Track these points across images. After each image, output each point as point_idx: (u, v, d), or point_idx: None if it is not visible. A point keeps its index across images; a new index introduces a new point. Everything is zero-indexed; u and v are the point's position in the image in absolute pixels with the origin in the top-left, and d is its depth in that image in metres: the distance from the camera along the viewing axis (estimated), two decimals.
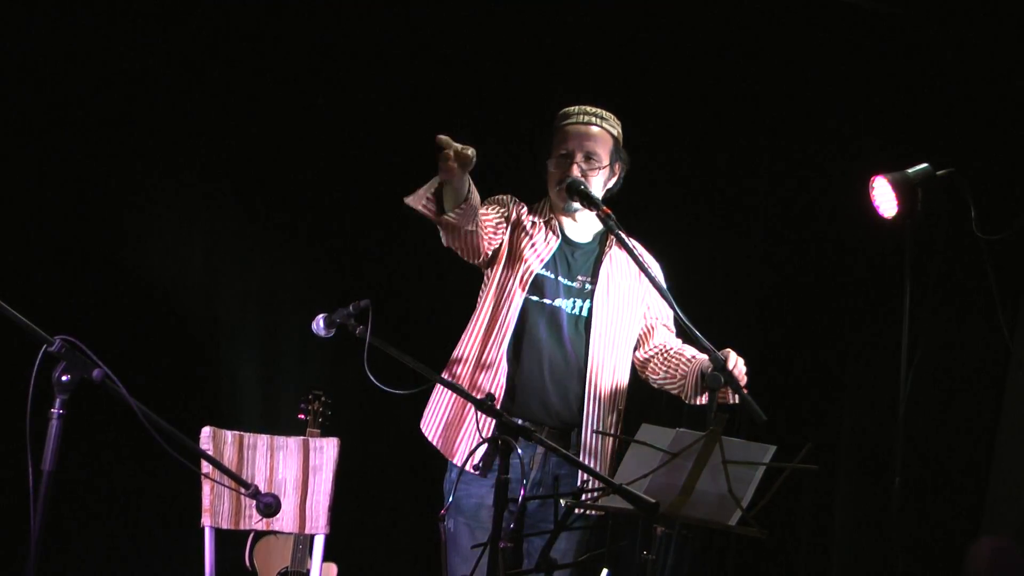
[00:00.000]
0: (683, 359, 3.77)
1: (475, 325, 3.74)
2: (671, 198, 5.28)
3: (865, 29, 5.04)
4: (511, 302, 3.68)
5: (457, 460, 3.65)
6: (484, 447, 3.53)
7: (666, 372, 3.80)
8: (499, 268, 3.74)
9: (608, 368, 3.72)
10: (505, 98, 5.23)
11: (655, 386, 3.87)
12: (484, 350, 3.68)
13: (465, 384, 3.65)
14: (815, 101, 5.14)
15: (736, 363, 3.52)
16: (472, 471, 3.59)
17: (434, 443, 3.74)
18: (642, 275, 3.71)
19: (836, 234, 5.10)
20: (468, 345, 3.72)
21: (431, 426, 3.77)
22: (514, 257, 3.73)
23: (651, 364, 3.84)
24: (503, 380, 3.63)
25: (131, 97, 4.99)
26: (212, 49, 5.08)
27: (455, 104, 5.28)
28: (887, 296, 4.29)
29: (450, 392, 3.68)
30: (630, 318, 3.80)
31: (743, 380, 3.53)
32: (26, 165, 4.84)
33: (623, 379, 3.78)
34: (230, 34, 5.10)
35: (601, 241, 3.82)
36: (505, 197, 3.85)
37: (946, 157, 3.90)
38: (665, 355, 3.82)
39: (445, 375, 3.71)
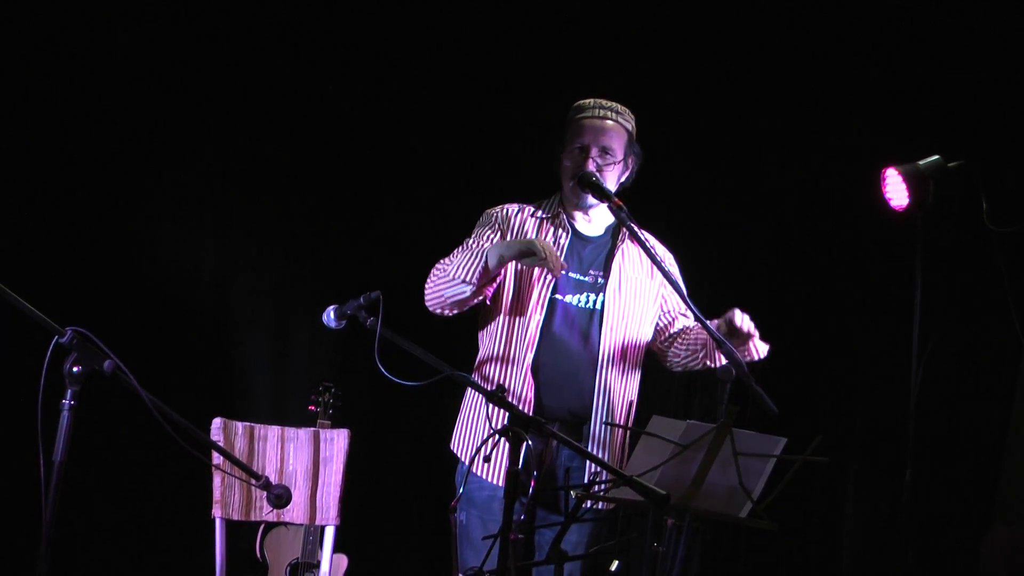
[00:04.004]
0: (698, 330, 3.79)
1: (494, 327, 3.72)
2: (681, 192, 5.26)
3: (876, 19, 5.02)
4: (532, 301, 3.66)
5: (485, 474, 3.64)
6: (491, 443, 3.52)
7: (687, 349, 3.81)
8: (510, 272, 3.71)
9: (619, 361, 3.71)
10: (516, 92, 5.23)
11: (679, 369, 3.88)
12: (512, 351, 3.66)
13: (493, 382, 3.64)
14: (826, 92, 5.12)
15: (743, 320, 3.56)
16: (479, 473, 3.58)
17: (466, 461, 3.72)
18: (655, 267, 3.71)
19: (847, 226, 5.08)
20: (494, 346, 3.70)
21: (463, 447, 3.75)
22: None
23: (672, 348, 3.85)
24: (529, 373, 3.63)
25: (143, 90, 5.01)
26: (223, 43, 5.08)
27: (465, 97, 5.29)
28: (898, 288, 4.28)
29: (478, 412, 3.68)
30: (642, 311, 3.79)
31: (754, 332, 3.57)
32: (37, 157, 4.85)
33: (634, 372, 3.78)
34: (240, 28, 5.11)
35: (613, 235, 3.80)
36: (497, 215, 3.80)
37: (958, 148, 3.89)
38: (684, 334, 3.84)
39: (474, 376, 3.71)
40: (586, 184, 3.65)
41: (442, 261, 3.68)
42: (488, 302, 3.75)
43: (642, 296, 3.79)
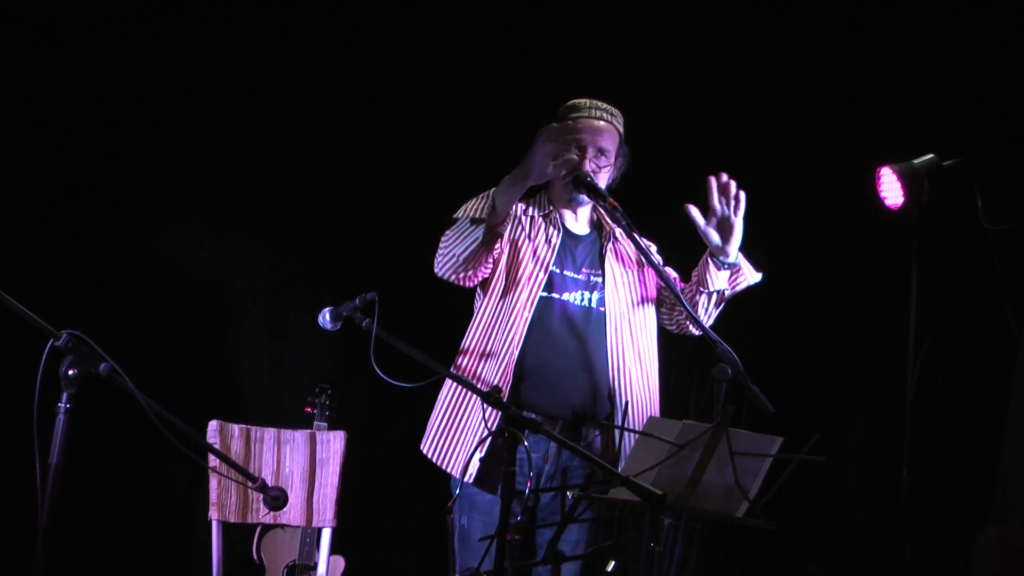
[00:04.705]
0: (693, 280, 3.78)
1: (480, 321, 3.70)
2: (679, 193, 5.24)
3: (875, 19, 5.02)
4: (521, 299, 3.65)
5: (455, 472, 3.63)
6: (478, 456, 3.52)
7: (692, 293, 3.78)
8: (500, 264, 3.71)
9: (627, 358, 3.70)
10: (515, 92, 5.23)
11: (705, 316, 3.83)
12: (490, 344, 3.65)
13: (470, 375, 3.63)
14: (821, 91, 5.12)
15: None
16: (469, 481, 3.57)
17: (435, 461, 3.70)
18: (646, 259, 3.72)
19: (843, 225, 5.08)
20: (473, 340, 3.70)
21: (429, 445, 3.73)
22: (517, 254, 3.70)
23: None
24: (511, 371, 3.61)
25: (143, 90, 5.01)
26: (223, 43, 5.09)
27: (465, 97, 5.28)
28: (894, 287, 4.28)
29: (446, 413, 3.67)
30: (641, 305, 3.77)
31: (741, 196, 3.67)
32: (35, 157, 4.85)
33: (642, 368, 3.76)
34: (240, 29, 5.11)
35: (599, 232, 3.81)
36: None
37: (953, 146, 3.88)
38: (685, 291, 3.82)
39: (452, 370, 3.70)
40: (581, 184, 3.65)
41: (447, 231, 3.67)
42: (481, 297, 3.75)
43: (638, 289, 3.78)
